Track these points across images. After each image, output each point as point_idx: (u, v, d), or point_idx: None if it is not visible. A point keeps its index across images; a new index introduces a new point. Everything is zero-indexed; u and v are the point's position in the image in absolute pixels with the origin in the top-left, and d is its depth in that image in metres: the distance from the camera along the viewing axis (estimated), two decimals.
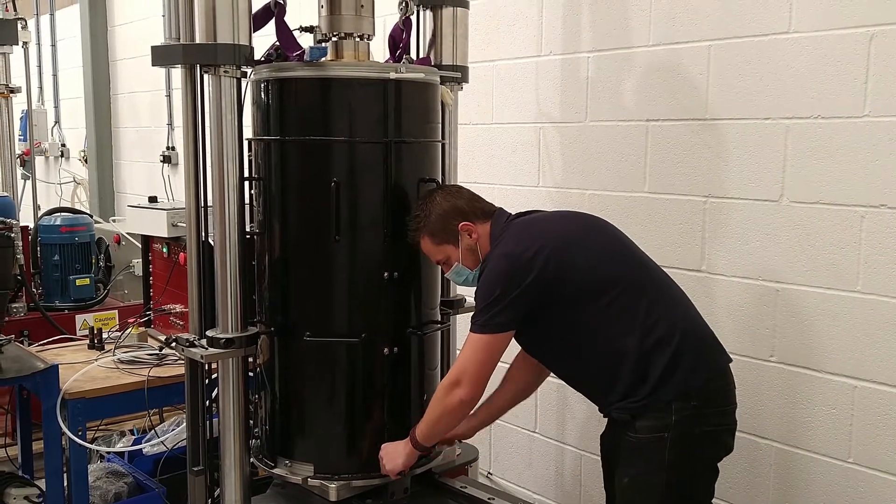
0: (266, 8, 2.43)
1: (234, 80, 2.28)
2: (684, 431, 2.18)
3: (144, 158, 6.73)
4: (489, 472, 3.80)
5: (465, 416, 2.38)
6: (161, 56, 2.35)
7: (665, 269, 2.96)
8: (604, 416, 2.36)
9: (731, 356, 2.65)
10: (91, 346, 3.44)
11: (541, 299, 2.22)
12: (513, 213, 2.45)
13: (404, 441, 2.39)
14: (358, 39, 2.47)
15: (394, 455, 2.39)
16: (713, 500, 2.58)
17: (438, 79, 2.56)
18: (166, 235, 3.52)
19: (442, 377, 2.70)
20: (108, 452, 3.59)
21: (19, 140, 6.75)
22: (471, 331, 2.26)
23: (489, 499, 2.52)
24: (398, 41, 2.69)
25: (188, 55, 2.27)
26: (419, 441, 2.36)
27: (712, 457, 2.30)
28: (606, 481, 2.42)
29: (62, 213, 4.61)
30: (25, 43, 5.76)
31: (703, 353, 2.27)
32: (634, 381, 2.21)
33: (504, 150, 3.60)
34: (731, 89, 2.79)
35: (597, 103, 3.22)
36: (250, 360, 2.45)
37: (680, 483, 2.21)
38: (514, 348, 2.44)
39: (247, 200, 2.42)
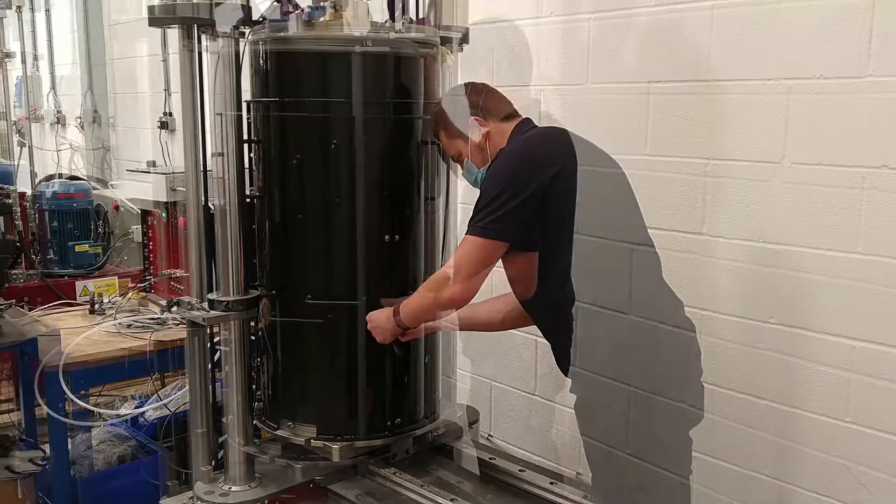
0: None
1: (233, 41, 2.26)
2: None
3: (141, 125, 6.67)
4: (489, 435, 3.83)
5: (451, 311, 2.37)
6: (158, 17, 2.32)
7: (665, 233, 2.97)
8: None
9: (731, 318, 2.68)
10: (92, 312, 3.45)
11: (533, 213, 2.15)
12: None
13: (387, 315, 2.34)
14: None
15: (381, 331, 2.36)
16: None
17: (439, 39, 2.54)
18: (166, 200, 3.51)
19: (443, 340, 2.72)
20: (112, 416, 3.61)
21: (15, 107, 6.69)
22: (467, 233, 2.18)
23: (490, 458, 2.55)
24: (397, 1, 2.65)
25: (185, 15, 2.25)
26: (403, 322, 2.33)
27: None
28: None
29: (60, 180, 4.60)
30: (19, 7, 5.69)
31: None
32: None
33: None
34: (734, 50, 2.76)
35: (598, 66, 3.19)
36: (252, 323, 2.45)
37: None
38: None
39: (246, 164, 2.41)
